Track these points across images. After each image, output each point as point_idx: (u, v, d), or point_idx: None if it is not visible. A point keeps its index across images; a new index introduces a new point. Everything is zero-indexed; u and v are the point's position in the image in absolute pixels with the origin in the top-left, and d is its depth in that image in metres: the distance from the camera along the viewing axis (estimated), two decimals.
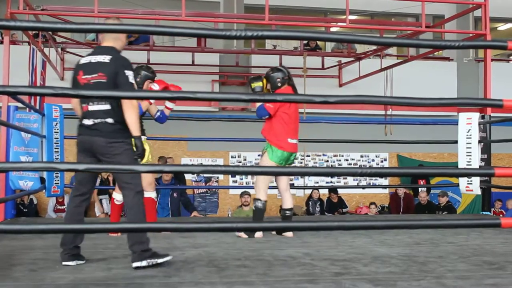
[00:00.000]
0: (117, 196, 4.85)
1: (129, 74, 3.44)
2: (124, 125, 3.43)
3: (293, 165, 5.10)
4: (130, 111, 3.39)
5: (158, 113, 5.08)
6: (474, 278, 3.08)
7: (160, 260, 3.35)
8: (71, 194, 3.60)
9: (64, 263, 3.40)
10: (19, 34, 10.45)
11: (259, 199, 4.81)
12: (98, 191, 9.34)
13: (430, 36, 11.44)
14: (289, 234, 4.76)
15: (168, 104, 5.08)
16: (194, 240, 4.43)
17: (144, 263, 3.29)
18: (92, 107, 3.42)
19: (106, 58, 3.44)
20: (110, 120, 3.41)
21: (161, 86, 4.74)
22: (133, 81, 3.47)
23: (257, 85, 4.98)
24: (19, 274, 3.16)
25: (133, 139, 3.46)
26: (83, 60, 3.55)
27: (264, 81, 5.00)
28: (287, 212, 4.92)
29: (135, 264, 3.30)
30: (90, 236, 4.24)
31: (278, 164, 4.83)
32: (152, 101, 4.98)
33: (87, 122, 3.45)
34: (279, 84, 4.95)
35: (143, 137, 4.65)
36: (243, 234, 4.68)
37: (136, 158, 3.46)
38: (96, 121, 3.42)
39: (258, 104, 4.87)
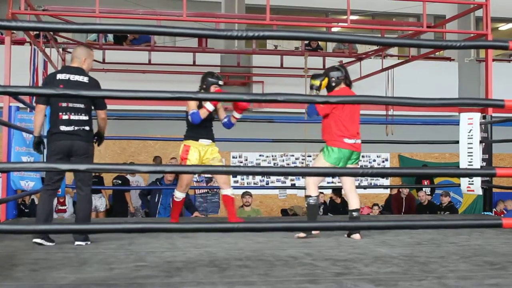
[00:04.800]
0: (178, 193, 5.49)
1: None
2: (92, 131, 4.37)
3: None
4: (105, 120, 4.45)
5: (226, 119, 5.56)
6: (476, 278, 3.08)
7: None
8: (44, 188, 4.46)
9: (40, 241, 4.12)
10: (20, 35, 10.46)
11: (310, 196, 4.68)
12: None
13: (431, 36, 11.43)
14: (357, 236, 4.53)
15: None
16: (195, 240, 4.43)
17: (84, 243, 4.14)
18: (74, 117, 4.23)
19: (84, 79, 4.26)
20: (87, 128, 4.29)
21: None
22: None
23: (314, 83, 4.81)
24: (20, 274, 3.16)
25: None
26: (61, 76, 4.24)
27: (325, 80, 4.81)
28: (354, 213, 4.69)
29: (78, 243, 4.13)
30: (91, 236, 4.28)
31: (333, 165, 4.70)
32: (211, 108, 5.35)
33: (69, 128, 4.21)
34: (333, 84, 4.81)
35: (208, 141, 5.65)
36: (301, 234, 4.56)
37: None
38: (76, 128, 4.23)
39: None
